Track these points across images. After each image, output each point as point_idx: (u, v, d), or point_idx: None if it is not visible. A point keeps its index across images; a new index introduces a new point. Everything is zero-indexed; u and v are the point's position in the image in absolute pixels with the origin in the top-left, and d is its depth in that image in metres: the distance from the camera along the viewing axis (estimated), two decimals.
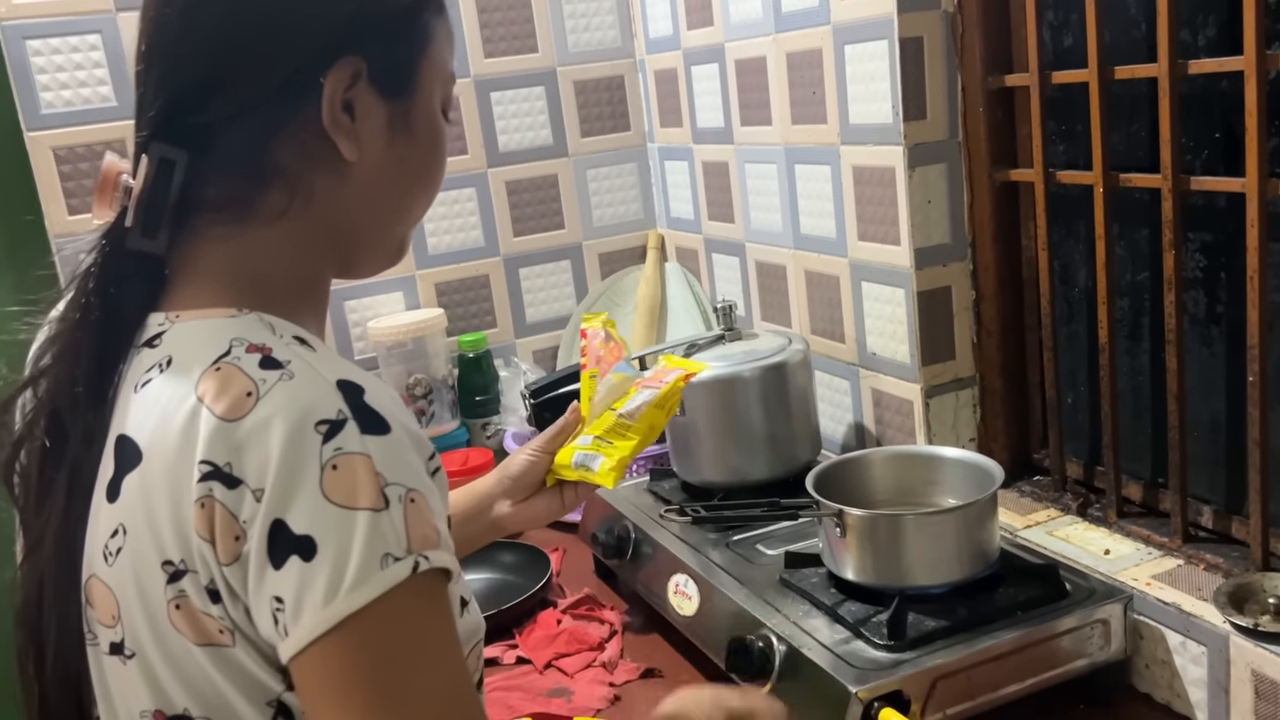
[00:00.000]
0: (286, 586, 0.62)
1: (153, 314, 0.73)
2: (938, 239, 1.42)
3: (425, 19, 0.77)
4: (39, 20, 1.67)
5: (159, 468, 0.66)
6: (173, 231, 0.73)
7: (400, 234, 0.83)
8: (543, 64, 2.04)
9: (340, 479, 0.62)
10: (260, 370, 0.66)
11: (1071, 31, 1.29)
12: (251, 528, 0.62)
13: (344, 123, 0.73)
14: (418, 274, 1.99)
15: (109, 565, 0.69)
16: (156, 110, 0.72)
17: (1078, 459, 1.40)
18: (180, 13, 0.72)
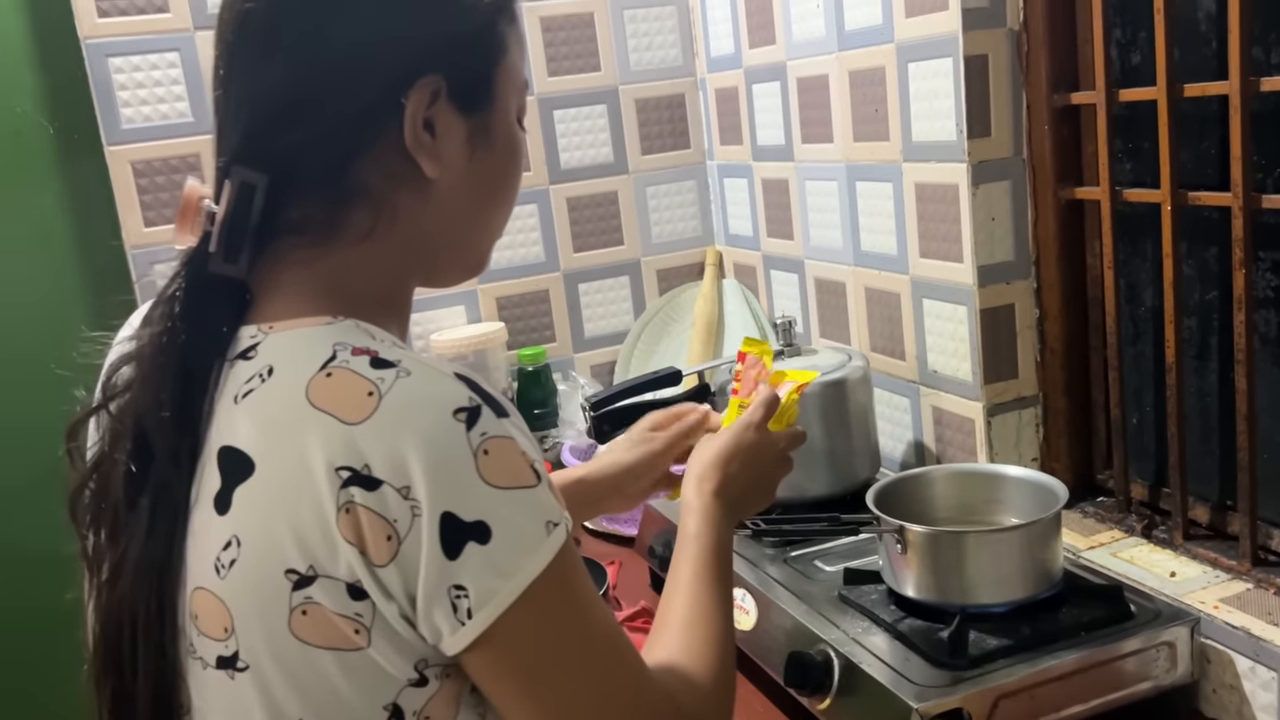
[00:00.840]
0: (467, 573, 0.64)
1: (244, 327, 0.72)
2: (1001, 256, 1.41)
3: (500, 30, 0.77)
4: (121, 39, 1.72)
5: (277, 477, 0.66)
6: (254, 254, 0.73)
7: (485, 244, 0.84)
8: (605, 82, 2.06)
9: (494, 463, 0.65)
10: (374, 370, 0.66)
11: (1139, 49, 1.28)
12: (409, 525, 0.63)
13: (425, 141, 0.74)
14: (479, 288, 2.02)
15: (221, 578, 0.69)
16: (237, 136, 0.73)
17: (1143, 480, 1.38)
18: (259, 37, 0.72)
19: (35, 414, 1.79)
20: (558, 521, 0.67)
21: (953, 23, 1.37)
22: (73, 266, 1.85)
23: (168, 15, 1.74)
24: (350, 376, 0.66)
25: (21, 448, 1.81)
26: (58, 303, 1.84)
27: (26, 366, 1.81)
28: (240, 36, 0.73)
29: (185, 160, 1.79)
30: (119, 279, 1.81)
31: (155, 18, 1.74)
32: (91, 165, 1.78)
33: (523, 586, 0.66)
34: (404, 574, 0.65)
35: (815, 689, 1.12)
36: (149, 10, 1.73)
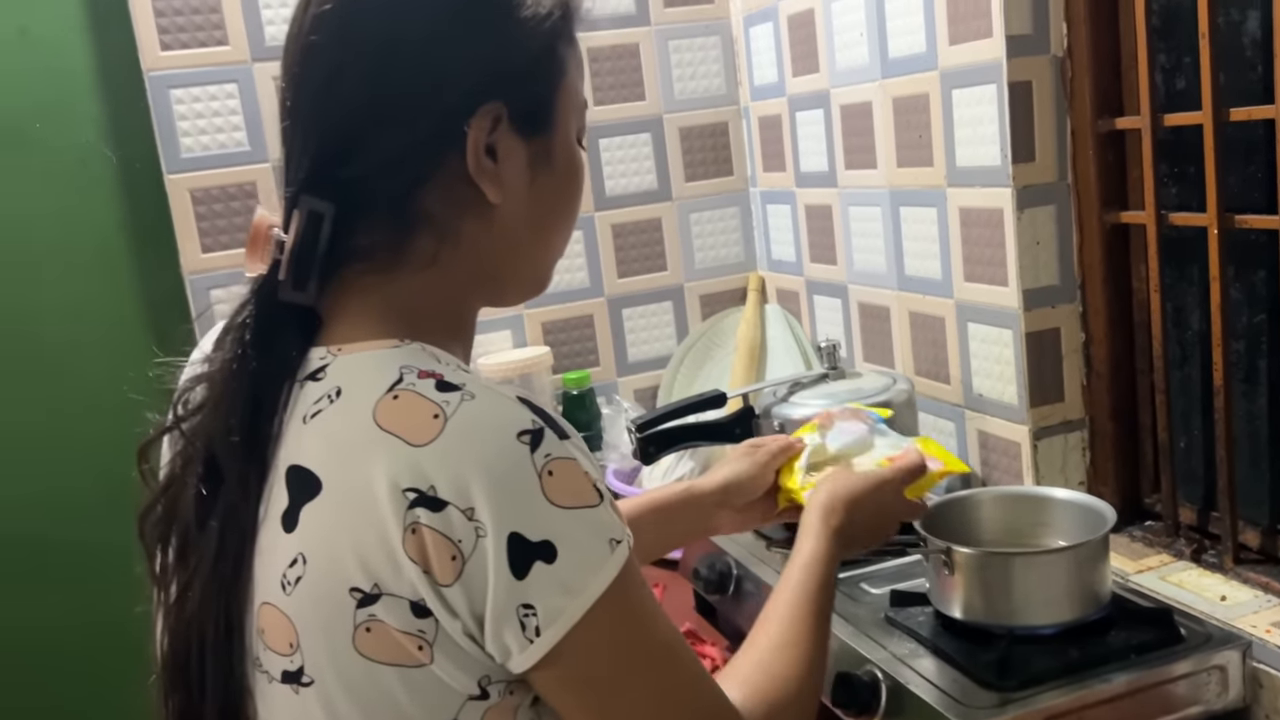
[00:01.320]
0: (535, 592, 0.66)
1: (314, 349, 0.74)
2: (1046, 280, 1.42)
3: (559, 52, 0.78)
4: (182, 71, 1.78)
5: (343, 497, 0.68)
6: (322, 281, 0.75)
7: (545, 265, 0.85)
8: (649, 111, 2.09)
9: (559, 483, 0.66)
10: (439, 393, 0.67)
11: (1184, 74, 1.29)
12: (474, 546, 0.65)
13: (488, 167, 0.75)
14: (525, 313, 2.05)
15: (287, 594, 0.70)
16: (304, 166, 0.74)
17: (1191, 504, 1.37)
18: (323, 70, 0.74)
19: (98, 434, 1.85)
20: (620, 539, 0.69)
21: (996, 50, 1.38)
22: (132, 292, 1.90)
23: (227, 48, 1.79)
24: (416, 399, 0.67)
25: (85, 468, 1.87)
26: (118, 327, 1.89)
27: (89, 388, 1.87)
28: (305, 69, 0.75)
29: (242, 188, 1.84)
30: (177, 304, 1.86)
31: (215, 50, 1.79)
32: (151, 193, 1.84)
33: (589, 604, 0.67)
34: (469, 594, 0.66)
35: (862, 710, 1.12)
36: (209, 43, 1.79)
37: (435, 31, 0.73)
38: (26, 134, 1.82)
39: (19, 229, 1.83)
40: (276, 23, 1.80)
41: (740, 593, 1.45)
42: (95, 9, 1.82)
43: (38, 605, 1.90)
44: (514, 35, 0.75)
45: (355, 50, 0.74)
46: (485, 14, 0.75)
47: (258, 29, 1.80)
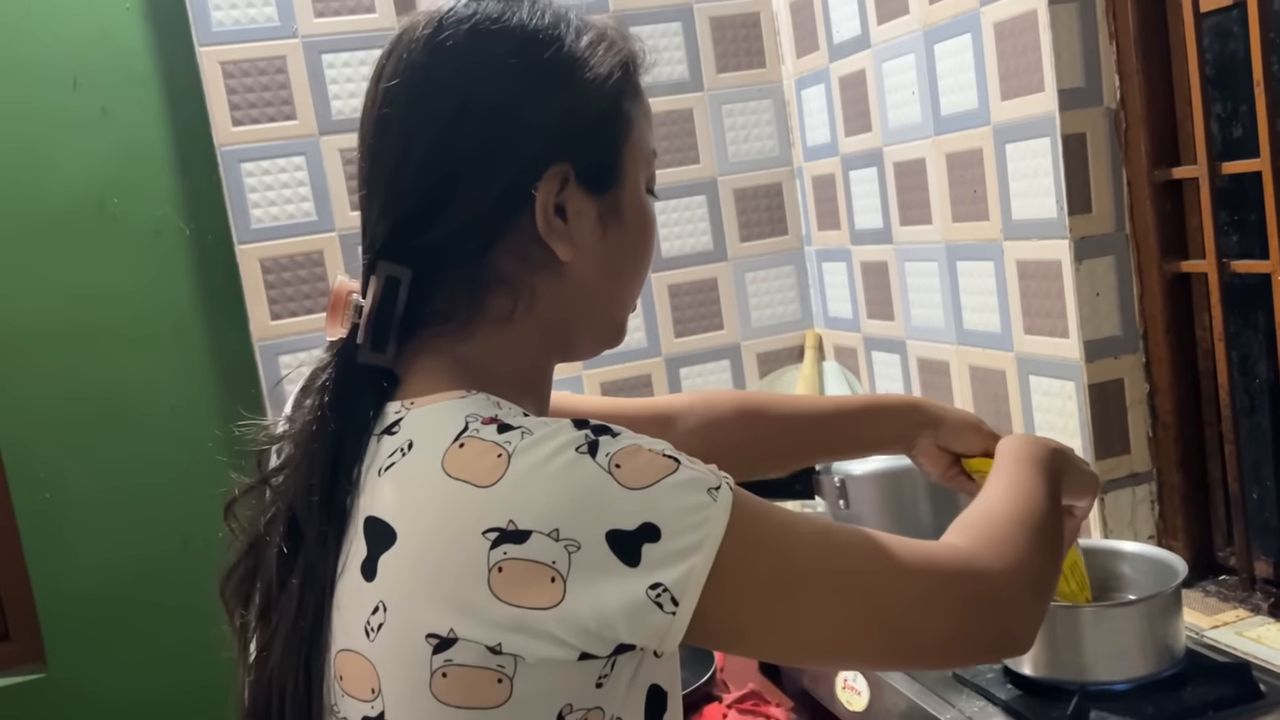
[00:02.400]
0: (656, 570, 0.65)
1: (390, 403, 0.76)
2: (1108, 331, 1.41)
3: (624, 109, 0.79)
4: (253, 145, 1.85)
5: (417, 546, 0.69)
6: (400, 343, 0.77)
7: (621, 315, 0.85)
8: (704, 174, 2.13)
9: (631, 471, 0.67)
10: (500, 435, 0.69)
11: (1240, 122, 1.28)
12: (569, 562, 0.65)
13: (558, 226, 0.76)
14: (584, 374, 2.07)
15: (371, 640, 0.71)
16: (380, 233, 0.77)
17: (1266, 557, 1.34)
18: (395, 141, 0.77)
19: (174, 498, 1.91)
20: (717, 484, 0.68)
21: (1049, 103, 1.39)
22: (205, 359, 1.96)
23: (295, 123, 1.86)
24: (480, 444, 0.69)
25: (163, 532, 1.92)
26: (192, 393, 1.95)
27: (165, 453, 1.92)
28: (379, 140, 0.78)
29: (309, 257, 1.89)
30: (247, 370, 1.91)
31: (284, 125, 1.86)
32: (223, 263, 1.90)
33: (713, 555, 0.67)
34: (579, 608, 0.66)
35: None
36: (278, 118, 1.86)
37: (501, 100, 0.76)
38: (105, 209, 1.90)
39: (98, 300, 1.90)
40: (343, 97, 1.87)
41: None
42: (171, 88, 1.91)
43: (121, 666, 1.94)
44: (577, 98, 0.77)
45: (425, 121, 0.76)
46: (549, 81, 0.77)
47: (324, 103, 1.87)
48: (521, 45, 0.76)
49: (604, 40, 0.79)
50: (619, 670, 0.70)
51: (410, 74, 0.77)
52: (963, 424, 1.09)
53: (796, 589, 0.70)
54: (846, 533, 0.74)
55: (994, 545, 0.78)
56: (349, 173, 1.89)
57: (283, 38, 1.85)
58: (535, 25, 0.77)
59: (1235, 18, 1.26)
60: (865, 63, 1.83)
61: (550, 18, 0.78)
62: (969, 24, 1.53)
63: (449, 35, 0.76)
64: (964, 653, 0.78)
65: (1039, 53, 1.39)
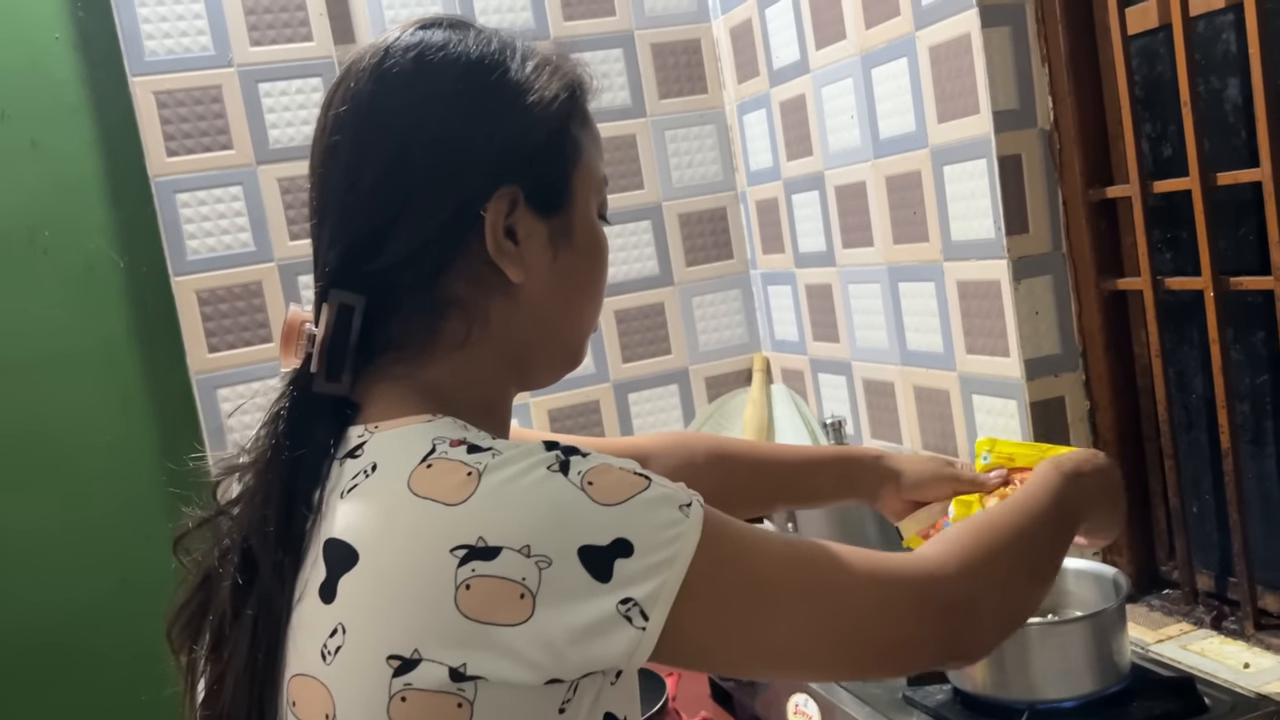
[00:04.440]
0: (627, 585, 0.66)
1: (352, 427, 0.76)
2: (1048, 349, 1.42)
3: (572, 133, 0.80)
4: (188, 175, 1.82)
5: (381, 566, 0.68)
6: (356, 371, 0.76)
7: (577, 339, 0.85)
8: (649, 199, 2.13)
9: (603, 488, 0.67)
10: (470, 455, 0.69)
11: (1170, 142, 1.31)
12: (539, 579, 0.65)
13: (508, 248, 0.76)
14: (531, 401, 2.05)
15: (327, 664, 0.70)
16: (332, 261, 0.77)
17: (1208, 570, 1.35)
18: (344, 168, 0.77)
19: (108, 537, 1.86)
20: (688, 501, 0.69)
21: (985, 125, 1.41)
22: (141, 394, 1.92)
23: (231, 152, 1.83)
24: (449, 464, 0.68)
25: (97, 572, 1.86)
26: (127, 430, 1.90)
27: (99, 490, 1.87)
28: (328, 168, 0.78)
29: (248, 288, 1.86)
30: (185, 405, 1.87)
31: (220, 154, 1.83)
32: (158, 296, 1.86)
33: (684, 570, 0.67)
34: (548, 624, 0.66)
35: None
36: (214, 148, 1.83)
37: (447, 124, 0.76)
38: (36, 242, 1.85)
39: (30, 336, 1.85)
40: (280, 126, 1.85)
41: (755, 680, 1.42)
42: (103, 119, 1.87)
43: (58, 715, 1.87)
44: (524, 122, 0.77)
45: (373, 148, 0.76)
46: (495, 105, 0.77)
47: (261, 132, 1.84)
48: (467, 71, 0.77)
49: (549, 65, 0.80)
50: (580, 695, 0.69)
51: (357, 101, 0.77)
52: (925, 475, 1.11)
53: (766, 603, 0.71)
54: (814, 546, 0.74)
55: (963, 551, 0.79)
56: (288, 202, 1.86)
57: (218, 67, 1.82)
58: (480, 52, 0.78)
59: (1162, 40, 1.29)
60: (805, 87, 1.85)
61: (496, 44, 0.79)
62: (905, 48, 1.55)
63: (395, 63, 0.77)
64: (924, 659, 0.79)
65: (974, 75, 1.41)
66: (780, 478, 1.12)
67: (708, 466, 1.10)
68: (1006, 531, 0.83)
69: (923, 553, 0.79)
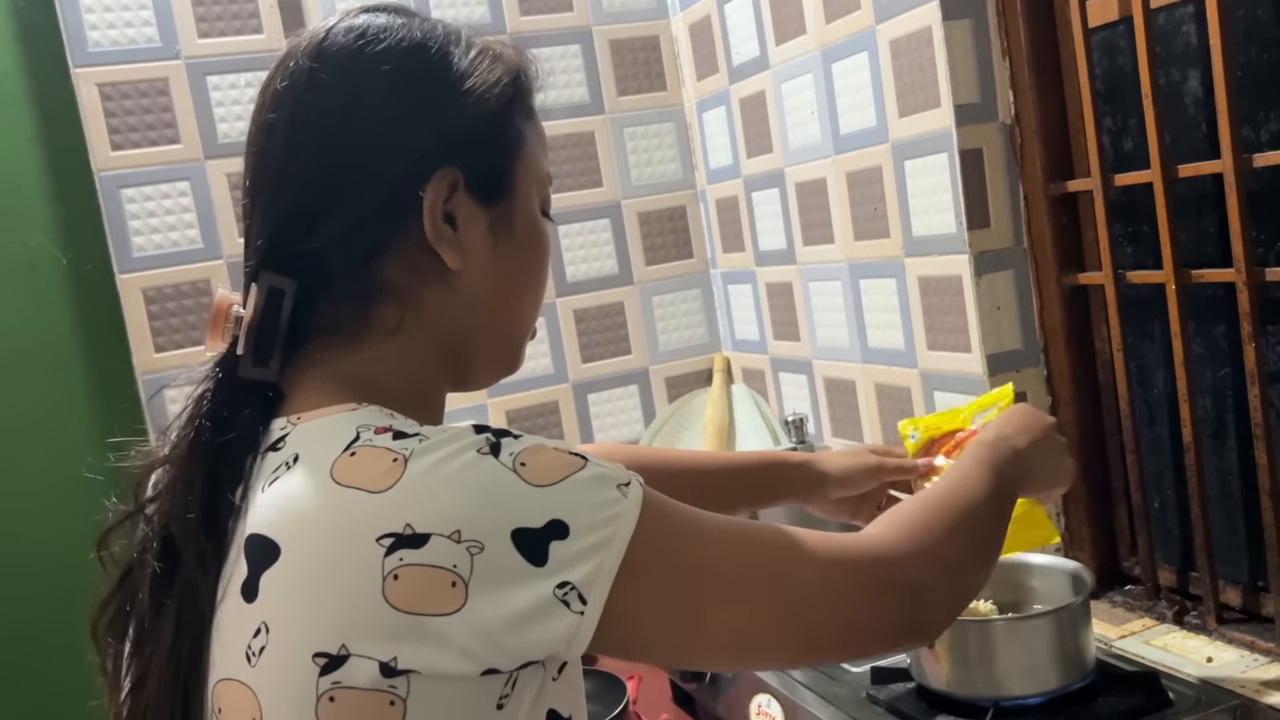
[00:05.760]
0: (563, 568, 0.63)
1: (275, 420, 0.73)
2: (1009, 345, 1.41)
3: (515, 124, 0.78)
4: (134, 170, 1.77)
5: (304, 560, 0.66)
6: (285, 357, 0.74)
7: (512, 340, 0.83)
8: (607, 198, 2.10)
9: (537, 469, 0.65)
10: (395, 441, 0.66)
11: (1131, 135, 1.30)
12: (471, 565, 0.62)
13: (446, 233, 0.74)
14: (489, 401, 2.02)
15: (252, 666, 0.67)
16: (263, 240, 0.74)
17: (1170, 565, 1.35)
18: (280, 144, 0.75)
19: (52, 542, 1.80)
20: (626, 480, 0.67)
21: (945, 119, 1.40)
22: (86, 394, 1.86)
23: (179, 146, 1.79)
24: (374, 450, 0.66)
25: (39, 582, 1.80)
26: (70, 430, 1.84)
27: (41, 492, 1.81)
28: (263, 145, 0.76)
29: (195, 286, 1.82)
30: (130, 405, 1.82)
31: (167, 149, 1.78)
32: (103, 294, 1.81)
33: (622, 551, 0.65)
34: (481, 613, 0.63)
35: None
36: (161, 142, 1.78)
37: (387, 104, 0.74)
38: None
39: None
40: (229, 120, 1.80)
41: (718, 679, 1.40)
42: (44, 111, 1.81)
43: None
44: (465, 105, 0.76)
45: (308, 125, 0.74)
46: (435, 87, 0.76)
47: (210, 126, 1.80)
48: (408, 53, 0.76)
49: (492, 53, 0.79)
50: (520, 689, 0.67)
51: (296, 79, 0.75)
52: (851, 471, 1.11)
53: (707, 587, 0.69)
54: (757, 529, 0.73)
55: (910, 531, 0.78)
56: (236, 198, 1.81)
57: (164, 59, 1.78)
58: (424, 37, 0.77)
59: (1122, 33, 1.28)
60: (765, 84, 1.83)
61: (440, 31, 0.78)
62: (865, 42, 1.54)
63: (336, 44, 0.76)
64: (874, 641, 0.77)
65: (934, 69, 1.40)
66: (701, 488, 1.10)
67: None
68: (950, 510, 0.81)
69: (870, 534, 0.77)
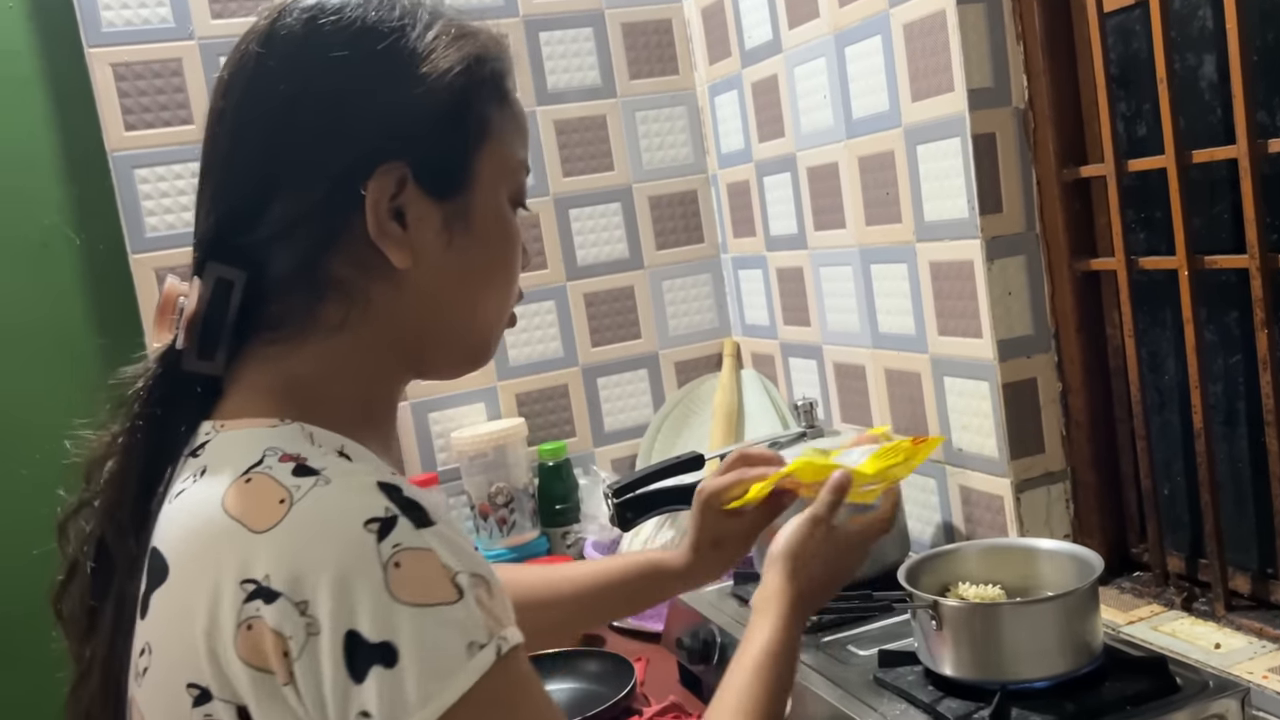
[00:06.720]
0: (371, 699, 0.59)
1: (204, 422, 0.71)
2: (1020, 330, 1.41)
3: (478, 111, 0.74)
4: (147, 150, 1.77)
5: (185, 586, 0.64)
6: (231, 350, 0.71)
7: (478, 333, 0.79)
8: (619, 181, 2.10)
9: (407, 576, 0.60)
10: (293, 478, 0.63)
11: (1145, 120, 1.30)
12: (303, 645, 0.59)
13: (393, 231, 0.71)
14: (499, 385, 2.03)
15: (139, 685, 0.67)
16: (209, 229, 0.72)
17: (1179, 552, 1.35)
18: (229, 131, 0.72)
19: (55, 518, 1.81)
20: (484, 642, 0.61)
21: (959, 104, 1.39)
22: (96, 374, 1.87)
23: (191, 127, 1.79)
24: (267, 483, 0.63)
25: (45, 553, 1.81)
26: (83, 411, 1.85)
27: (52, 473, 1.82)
28: (212, 131, 0.73)
29: None
30: None
31: (180, 129, 1.79)
32: (116, 274, 1.82)
33: (436, 716, 0.59)
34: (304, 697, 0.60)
35: None
36: (174, 123, 1.78)
37: (330, 91, 0.71)
38: None
39: None
40: None
41: (725, 662, 1.40)
42: (58, 92, 1.82)
43: None
44: (413, 93, 0.72)
45: (255, 111, 0.72)
46: (382, 73, 0.72)
47: None
48: (357, 35, 0.72)
49: (452, 34, 0.74)
50: None
51: (244, 64, 0.72)
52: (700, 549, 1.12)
53: None
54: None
55: None
56: None
57: (178, 39, 1.78)
58: (378, 17, 0.72)
59: (1138, 17, 1.28)
60: (777, 68, 1.83)
61: (398, 10, 0.73)
62: (879, 25, 1.53)
63: (286, 26, 0.72)
64: None
65: (948, 53, 1.39)
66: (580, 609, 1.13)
67: None
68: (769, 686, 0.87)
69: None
